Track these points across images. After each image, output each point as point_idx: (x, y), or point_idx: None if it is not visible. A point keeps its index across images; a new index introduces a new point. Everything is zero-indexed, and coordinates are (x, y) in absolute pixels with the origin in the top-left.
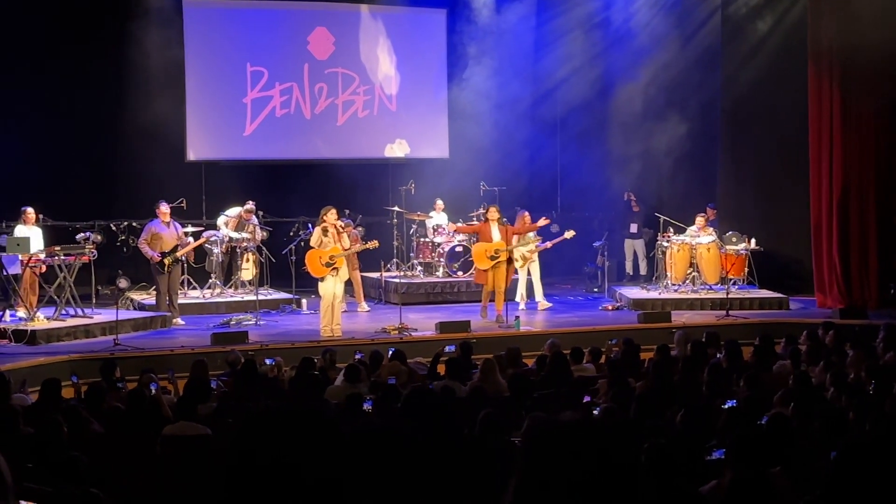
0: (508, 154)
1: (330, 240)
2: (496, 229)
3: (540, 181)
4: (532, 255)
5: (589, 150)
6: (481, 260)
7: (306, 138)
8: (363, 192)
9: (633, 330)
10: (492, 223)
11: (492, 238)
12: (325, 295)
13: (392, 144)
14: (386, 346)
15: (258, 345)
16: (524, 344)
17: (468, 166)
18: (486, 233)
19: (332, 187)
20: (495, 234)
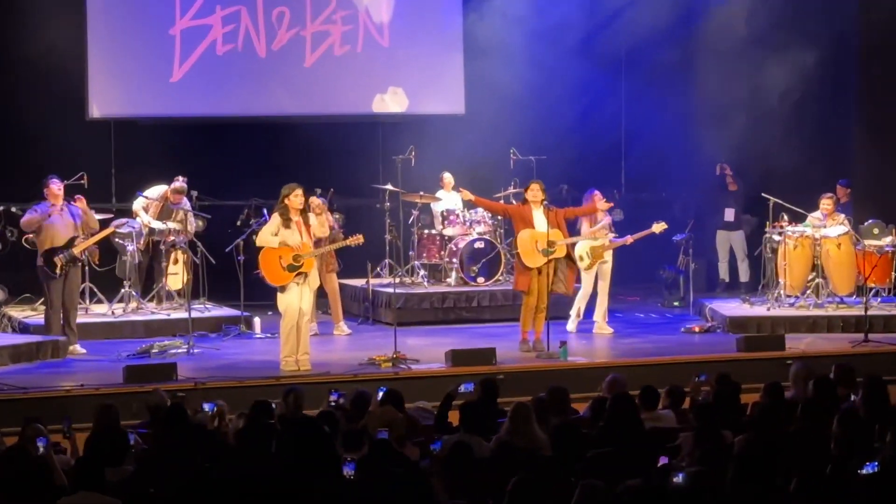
0: (551, 108)
1: (294, 232)
2: (539, 214)
3: (596, 147)
4: (604, 254)
5: (667, 102)
6: (530, 253)
7: (260, 86)
8: (342, 163)
9: (730, 362)
10: (533, 206)
11: (534, 225)
12: (287, 312)
13: (383, 95)
14: (374, 385)
15: (192, 383)
16: (573, 382)
17: (492, 126)
18: (524, 217)
19: (297, 157)
20: (539, 221)
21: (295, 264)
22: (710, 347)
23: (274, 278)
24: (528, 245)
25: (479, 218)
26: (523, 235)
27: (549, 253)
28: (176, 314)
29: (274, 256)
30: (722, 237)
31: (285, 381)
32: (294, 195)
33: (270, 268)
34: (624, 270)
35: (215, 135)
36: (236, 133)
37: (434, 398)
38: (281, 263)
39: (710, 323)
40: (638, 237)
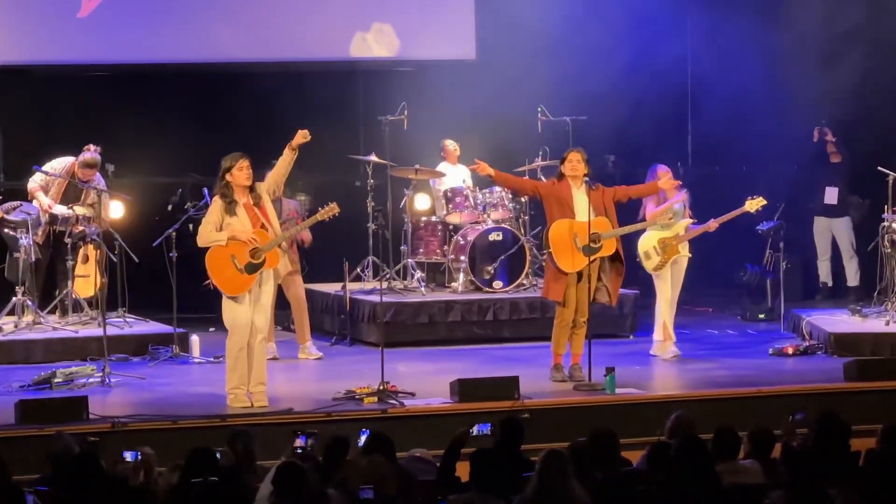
0: (591, 52)
1: (242, 218)
2: (581, 195)
3: (653, 104)
4: (679, 247)
5: (748, 43)
6: (566, 252)
7: (198, 23)
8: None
9: (835, 395)
10: (572, 183)
11: (573, 209)
12: (234, 327)
13: (365, 34)
14: (355, 427)
15: (108, 424)
16: (623, 422)
17: (513, 76)
18: (560, 199)
19: (247, 118)
20: (580, 204)
21: (255, 262)
22: (809, 375)
23: (231, 286)
24: (564, 240)
25: (497, 200)
26: (558, 228)
27: (592, 251)
28: (86, 330)
29: (224, 256)
30: (822, 226)
31: (233, 421)
32: (238, 168)
33: (223, 274)
34: (692, 272)
35: (138, 89)
36: (166, 87)
37: (436, 445)
38: (236, 264)
39: (807, 342)
40: (725, 220)
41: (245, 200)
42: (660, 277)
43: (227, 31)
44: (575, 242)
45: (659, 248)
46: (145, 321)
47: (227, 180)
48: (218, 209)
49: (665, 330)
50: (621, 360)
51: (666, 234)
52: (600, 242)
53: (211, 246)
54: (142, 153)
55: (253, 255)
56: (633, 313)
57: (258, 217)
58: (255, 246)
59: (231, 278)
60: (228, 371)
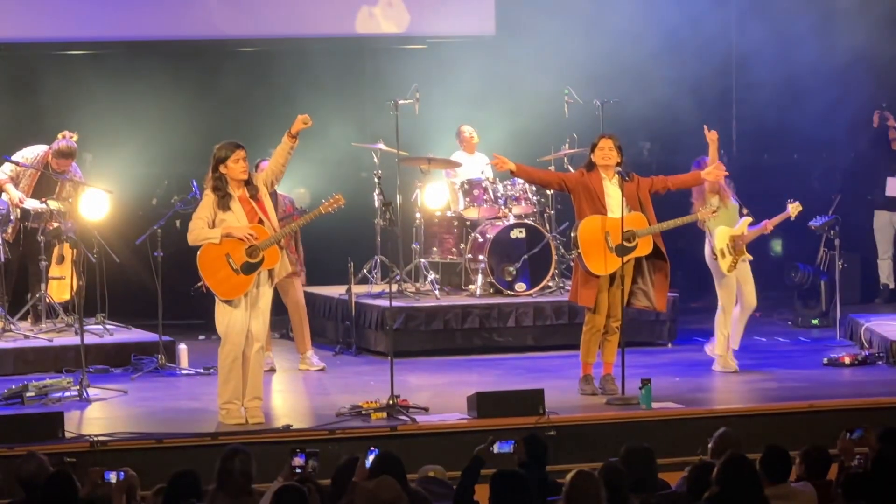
0: (624, 27)
1: (238, 213)
2: (613, 187)
3: (693, 85)
4: (743, 249)
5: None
6: (597, 252)
7: None
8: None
9: None
10: (604, 174)
11: (605, 203)
12: (228, 335)
13: (372, 7)
14: (362, 446)
15: (86, 443)
16: (660, 440)
17: (537, 55)
18: (589, 191)
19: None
20: (612, 197)
21: (252, 261)
22: (868, 388)
23: (226, 288)
24: (595, 239)
25: (519, 193)
26: (588, 225)
27: (626, 250)
28: (61, 339)
29: (219, 256)
30: (883, 221)
31: (225, 439)
32: (234, 160)
33: (217, 275)
34: None
35: (120, 69)
36: (151, 67)
37: (452, 464)
38: (231, 264)
39: (866, 350)
40: (776, 222)
41: (240, 193)
42: (728, 282)
43: (220, 4)
44: (607, 242)
45: (731, 247)
46: (127, 328)
47: (220, 172)
48: (210, 203)
49: (726, 342)
50: (658, 371)
51: (735, 232)
52: (635, 241)
53: (203, 244)
54: (124, 141)
55: (250, 253)
56: (672, 319)
57: (255, 211)
58: (253, 244)
59: (226, 280)
60: (221, 383)
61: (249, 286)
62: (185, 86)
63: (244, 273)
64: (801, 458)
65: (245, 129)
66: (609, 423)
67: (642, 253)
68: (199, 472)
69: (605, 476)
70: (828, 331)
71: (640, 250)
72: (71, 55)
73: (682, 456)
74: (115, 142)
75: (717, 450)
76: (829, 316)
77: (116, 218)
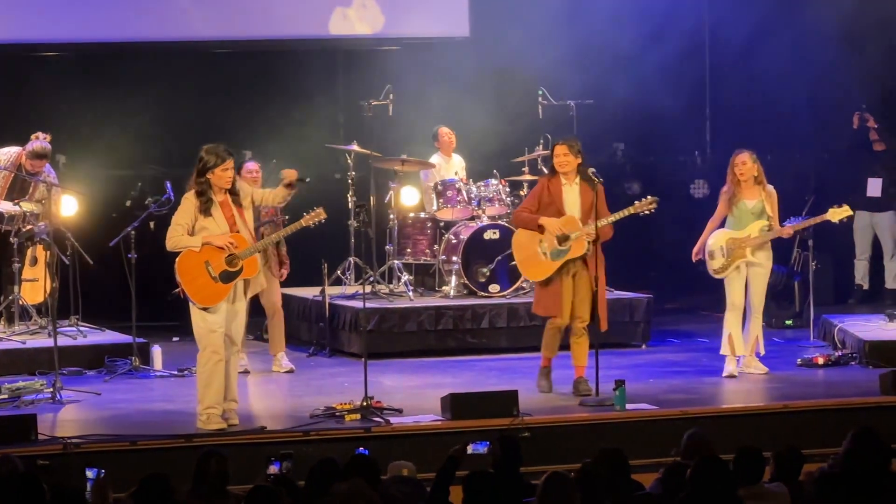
0: (597, 28)
1: (218, 220)
2: (573, 192)
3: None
4: (748, 250)
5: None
6: (530, 259)
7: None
8: (282, 112)
9: (872, 410)
10: (563, 178)
11: (563, 209)
12: (208, 341)
13: (346, 9)
14: (337, 447)
15: (59, 445)
16: (635, 441)
17: (510, 55)
18: (551, 199)
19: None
20: (570, 201)
21: (231, 270)
22: (841, 388)
23: (203, 296)
24: (525, 247)
25: (493, 194)
26: (521, 234)
27: (559, 255)
28: (34, 341)
29: (198, 262)
30: (863, 222)
31: (199, 441)
32: (223, 169)
33: (196, 282)
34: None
35: (93, 70)
36: (124, 68)
37: (426, 466)
38: (210, 272)
39: (840, 351)
40: (801, 227)
41: (222, 199)
42: (727, 283)
43: (193, 5)
44: (541, 247)
45: (725, 248)
46: (101, 330)
47: (206, 178)
48: (191, 208)
49: (730, 344)
50: (632, 373)
51: (737, 235)
52: (567, 244)
53: (180, 250)
54: (97, 142)
55: (229, 262)
56: (646, 320)
57: (235, 218)
58: (233, 252)
59: (204, 287)
60: (201, 388)
61: (227, 295)
62: (158, 87)
63: (222, 281)
64: (774, 459)
65: (219, 130)
66: (583, 424)
67: (577, 254)
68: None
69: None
70: (801, 331)
71: (573, 252)
72: (43, 57)
73: (656, 457)
74: (89, 143)
75: (688, 451)
76: (803, 317)
77: (90, 220)
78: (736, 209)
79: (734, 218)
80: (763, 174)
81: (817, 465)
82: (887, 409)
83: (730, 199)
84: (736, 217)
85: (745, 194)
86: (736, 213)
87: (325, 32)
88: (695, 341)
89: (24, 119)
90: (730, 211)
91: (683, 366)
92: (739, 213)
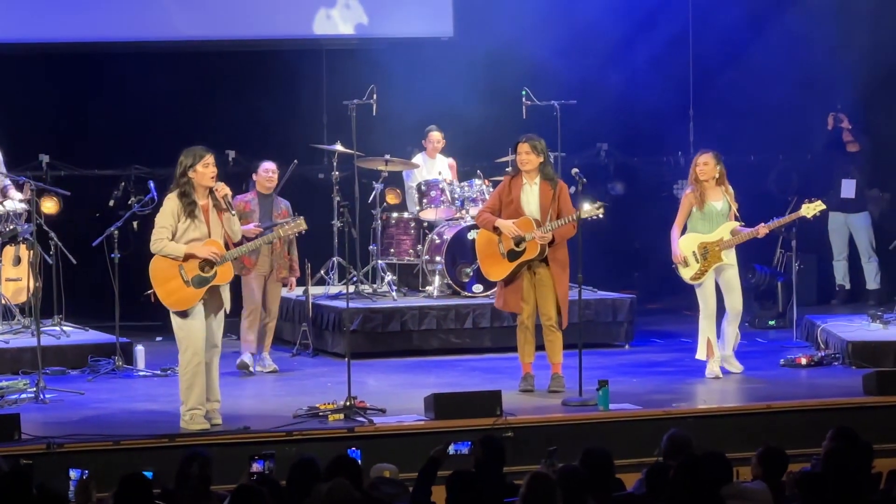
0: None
1: (200, 223)
2: (533, 192)
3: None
4: (722, 253)
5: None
6: (490, 258)
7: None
8: (265, 112)
9: (853, 410)
10: (525, 177)
11: (520, 208)
12: (190, 343)
13: (330, 10)
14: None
15: (43, 445)
16: (618, 441)
17: (494, 55)
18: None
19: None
20: (529, 200)
21: (205, 275)
22: (824, 389)
23: (174, 299)
24: (487, 247)
25: (476, 194)
26: (482, 235)
27: (515, 256)
28: (17, 341)
29: (172, 265)
30: (838, 222)
31: (182, 441)
32: (203, 165)
33: (168, 284)
34: None
35: (74, 70)
36: (105, 67)
37: (409, 466)
38: (183, 275)
39: (822, 351)
40: (776, 226)
41: (204, 202)
42: (703, 289)
43: (177, 6)
44: (499, 247)
45: (699, 253)
46: (84, 330)
47: (188, 177)
48: (173, 210)
49: (709, 348)
50: (616, 373)
51: (708, 239)
52: (523, 245)
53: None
54: (80, 142)
55: (203, 267)
56: (630, 320)
57: (218, 223)
58: (212, 257)
59: (175, 290)
60: (184, 389)
61: (198, 300)
62: (141, 87)
63: (195, 286)
64: (757, 459)
65: (202, 130)
66: (566, 424)
67: (529, 257)
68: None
69: (562, 478)
70: (784, 332)
71: (528, 254)
72: (23, 56)
73: (639, 457)
74: (71, 143)
75: (668, 451)
76: (786, 317)
77: (73, 220)
78: (704, 211)
79: (703, 220)
80: (724, 175)
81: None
82: (870, 410)
83: (700, 201)
84: (705, 219)
85: (709, 195)
86: (705, 215)
87: (309, 32)
88: (678, 341)
89: (4, 119)
90: (700, 213)
91: (666, 366)
92: (708, 216)
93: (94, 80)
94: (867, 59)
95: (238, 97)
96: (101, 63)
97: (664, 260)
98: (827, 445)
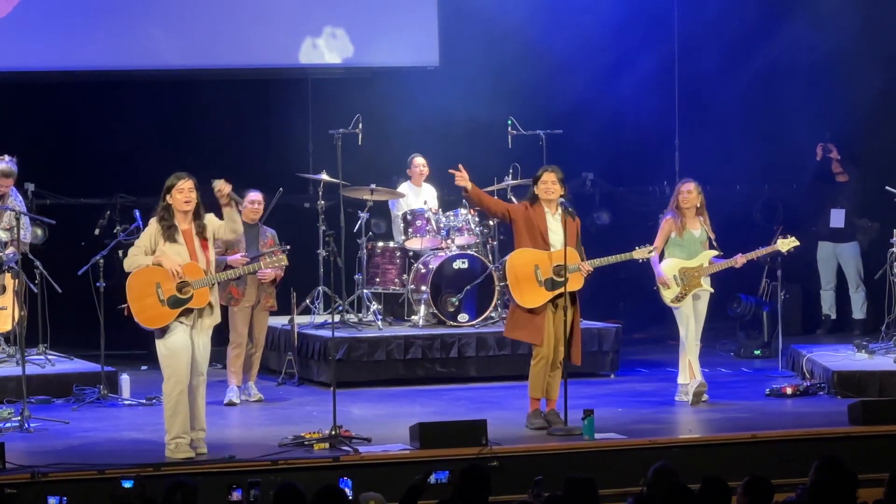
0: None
1: (181, 246)
2: (556, 221)
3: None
4: (702, 280)
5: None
6: (526, 285)
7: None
8: (251, 140)
9: (839, 440)
10: (546, 206)
11: (547, 238)
12: (173, 370)
13: (316, 39)
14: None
15: (27, 474)
16: (603, 470)
17: (480, 85)
18: (532, 225)
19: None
20: (555, 231)
21: (181, 297)
22: (810, 418)
23: (147, 316)
24: (524, 271)
25: (462, 224)
26: (518, 258)
27: (556, 284)
28: (3, 369)
29: (149, 282)
30: (826, 252)
31: (167, 470)
32: (178, 190)
33: (142, 301)
34: None
35: (61, 99)
36: (92, 97)
37: (394, 495)
38: (158, 294)
39: (808, 381)
40: (752, 257)
41: (186, 227)
42: (681, 313)
43: (163, 35)
44: (536, 275)
45: (680, 277)
46: (69, 359)
47: (167, 202)
48: (153, 232)
49: (690, 371)
50: (601, 402)
51: (689, 265)
52: (565, 276)
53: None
54: (66, 170)
55: (180, 289)
56: (615, 350)
57: (195, 249)
58: (183, 280)
59: (150, 307)
60: (168, 417)
61: (171, 319)
62: (127, 116)
63: (170, 306)
64: (743, 490)
65: (188, 158)
66: (551, 453)
67: (573, 288)
68: None
69: None
70: (770, 361)
71: (572, 285)
72: (8, 85)
73: (624, 486)
74: (57, 172)
75: (655, 482)
76: (772, 346)
77: (59, 248)
78: (684, 238)
79: (681, 247)
80: (704, 205)
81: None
82: (856, 440)
83: (679, 228)
84: (684, 246)
85: (689, 223)
86: (684, 241)
87: (295, 61)
88: (663, 371)
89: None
90: (679, 239)
91: (652, 395)
92: (687, 243)
93: (79, 109)
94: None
95: (224, 126)
96: (87, 91)
97: (649, 290)
98: (812, 476)
